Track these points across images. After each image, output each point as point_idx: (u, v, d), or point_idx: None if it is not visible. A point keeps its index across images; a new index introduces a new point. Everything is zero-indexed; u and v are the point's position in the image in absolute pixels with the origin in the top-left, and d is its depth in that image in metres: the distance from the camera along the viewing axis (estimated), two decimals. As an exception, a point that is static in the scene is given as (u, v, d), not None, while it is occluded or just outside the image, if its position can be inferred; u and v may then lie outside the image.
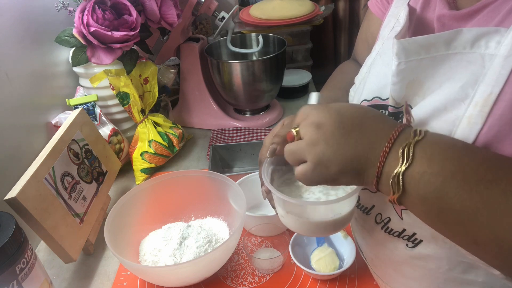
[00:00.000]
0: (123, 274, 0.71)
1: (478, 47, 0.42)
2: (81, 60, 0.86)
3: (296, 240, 0.68)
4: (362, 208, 0.56)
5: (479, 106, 0.40)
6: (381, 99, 0.52)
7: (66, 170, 0.70)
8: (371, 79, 0.55)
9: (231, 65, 1.02)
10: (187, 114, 1.14)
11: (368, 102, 0.54)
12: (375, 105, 0.53)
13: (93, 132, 0.82)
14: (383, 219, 0.52)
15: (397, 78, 0.47)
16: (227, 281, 0.67)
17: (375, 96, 0.53)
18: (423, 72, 0.46)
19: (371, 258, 0.60)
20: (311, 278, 0.66)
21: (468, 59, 0.43)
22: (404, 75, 0.46)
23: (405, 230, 0.49)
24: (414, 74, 0.46)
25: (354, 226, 0.63)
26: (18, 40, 0.82)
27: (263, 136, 1.03)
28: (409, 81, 0.47)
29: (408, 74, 0.46)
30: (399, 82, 0.47)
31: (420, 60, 0.45)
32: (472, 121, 0.41)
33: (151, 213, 0.76)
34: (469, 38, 0.42)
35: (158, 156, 0.94)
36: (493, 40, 0.41)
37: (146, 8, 0.88)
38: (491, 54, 0.41)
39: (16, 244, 0.54)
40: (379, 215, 0.53)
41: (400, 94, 0.48)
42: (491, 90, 0.40)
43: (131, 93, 0.89)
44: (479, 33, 0.42)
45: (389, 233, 0.52)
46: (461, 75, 0.43)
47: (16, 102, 0.79)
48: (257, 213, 0.77)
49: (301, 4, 1.25)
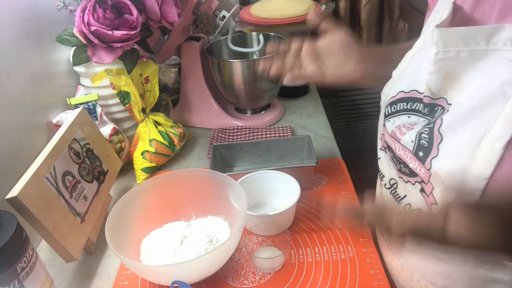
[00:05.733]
0: (124, 273, 0.71)
1: None
2: (82, 59, 0.86)
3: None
4: (395, 195, 0.56)
5: None
6: (419, 92, 0.52)
7: (67, 169, 0.70)
8: (410, 72, 0.55)
9: (232, 64, 1.02)
10: (188, 113, 1.14)
11: (405, 94, 0.54)
12: (411, 97, 0.52)
13: (94, 131, 0.82)
14: (412, 209, 0.52)
15: (435, 67, 0.46)
16: (228, 280, 0.67)
17: (413, 89, 0.53)
18: (460, 65, 0.45)
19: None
20: (311, 278, 0.66)
21: (508, 57, 0.42)
22: (441, 65, 0.46)
23: None
24: (451, 66, 0.45)
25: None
26: (19, 39, 0.82)
27: (264, 135, 1.03)
28: (446, 72, 0.46)
29: (445, 64, 0.45)
30: (436, 72, 0.46)
31: (458, 52, 0.44)
32: (508, 119, 0.40)
33: (152, 212, 0.76)
34: (510, 35, 0.41)
35: (159, 155, 0.94)
36: None
37: (147, 7, 0.88)
38: None
39: (17, 243, 0.54)
40: (408, 205, 0.53)
41: (437, 85, 0.47)
42: None
43: (132, 92, 0.89)
44: None
45: None
46: (500, 73, 0.42)
47: (17, 101, 0.79)
48: (258, 212, 0.77)
49: (302, 3, 1.25)
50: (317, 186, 0.87)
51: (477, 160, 0.42)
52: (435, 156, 0.46)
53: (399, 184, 0.55)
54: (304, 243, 0.72)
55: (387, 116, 0.55)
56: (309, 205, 0.81)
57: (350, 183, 0.86)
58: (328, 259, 0.69)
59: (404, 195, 0.54)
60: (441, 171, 0.45)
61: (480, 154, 0.41)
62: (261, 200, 0.81)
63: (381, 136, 0.58)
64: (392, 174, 0.57)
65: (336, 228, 0.75)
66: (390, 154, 0.56)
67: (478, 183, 0.42)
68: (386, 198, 0.60)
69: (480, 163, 0.41)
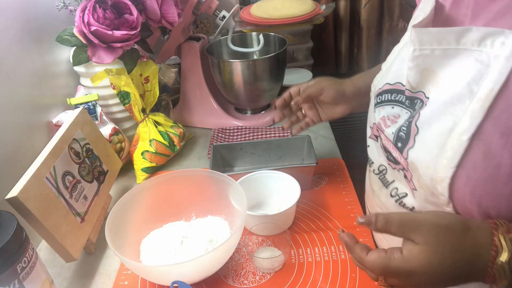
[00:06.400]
0: (124, 273, 0.71)
1: (485, 46, 0.44)
2: (82, 59, 0.86)
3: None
4: (383, 180, 0.61)
5: (481, 101, 0.43)
6: (402, 85, 0.56)
7: (67, 169, 0.70)
8: (396, 65, 0.59)
9: (232, 64, 1.02)
10: (188, 113, 1.14)
11: (390, 86, 0.58)
12: (395, 89, 0.57)
13: (94, 131, 0.82)
14: (398, 193, 0.57)
15: (412, 63, 0.50)
16: (228, 280, 0.67)
17: (397, 81, 0.57)
18: (436, 62, 0.49)
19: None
20: (311, 278, 0.66)
21: (475, 57, 0.45)
22: (418, 61, 0.50)
23: (414, 208, 0.55)
24: (427, 62, 0.49)
25: (371, 196, 0.69)
26: (19, 39, 0.82)
27: (264, 135, 1.03)
28: (423, 68, 0.50)
29: (422, 61, 0.49)
30: (414, 68, 0.50)
31: (433, 50, 0.48)
32: (474, 115, 0.44)
33: (152, 212, 0.76)
34: (477, 36, 0.45)
35: (159, 155, 0.94)
36: (498, 40, 0.43)
37: (147, 7, 0.88)
38: (496, 54, 0.43)
39: (17, 243, 0.54)
40: (396, 189, 0.58)
41: (415, 80, 0.51)
42: (493, 86, 0.43)
43: (132, 92, 0.89)
44: (486, 32, 0.44)
45: (403, 206, 0.56)
46: (469, 71, 0.46)
47: (17, 102, 0.79)
48: (258, 212, 0.77)
49: (302, 3, 1.25)
50: (317, 186, 0.87)
51: (446, 150, 0.46)
52: (411, 147, 0.51)
53: (388, 170, 0.60)
54: (304, 243, 0.72)
55: (375, 106, 0.60)
56: (309, 205, 0.81)
57: (350, 183, 0.86)
58: (328, 259, 0.69)
59: (392, 180, 0.59)
60: (416, 161, 0.50)
61: (449, 145, 0.46)
62: (261, 200, 0.81)
63: (372, 125, 0.62)
64: (381, 160, 0.61)
65: (336, 228, 0.75)
66: (380, 142, 0.60)
67: (447, 171, 0.46)
68: (375, 183, 0.64)
69: (449, 152, 0.46)
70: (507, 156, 0.42)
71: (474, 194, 0.45)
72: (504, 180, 0.43)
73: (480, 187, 0.45)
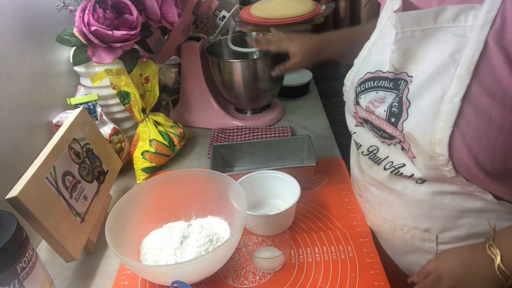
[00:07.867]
0: (124, 273, 0.71)
1: (459, 21, 0.51)
2: (82, 59, 0.86)
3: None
4: (374, 158, 0.66)
5: (465, 66, 0.49)
6: (382, 72, 0.61)
7: (67, 169, 0.70)
8: (373, 56, 0.65)
9: (232, 64, 1.02)
10: (188, 113, 1.14)
11: (371, 74, 0.63)
12: (377, 77, 0.62)
13: (94, 131, 0.82)
14: (394, 165, 0.62)
15: (395, 46, 0.56)
16: (228, 280, 0.67)
17: (377, 69, 0.62)
18: (416, 42, 0.55)
19: (380, 203, 0.69)
20: (311, 278, 0.66)
21: (452, 32, 0.52)
22: (401, 44, 0.55)
23: (413, 175, 0.59)
24: (409, 44, 0.55)
25: (359, 176, 0.73)
26: (19, 39, 0.82)
27: (264, 135, 1.03)
28: (405, 49, 0.56)
29: (404, 43, 0.55)
30: (397, 50, 0.56)
31: (414, 31, 0.54)
32: (461, 78, 0.50)
33: (152, 212, 0.76)
34: (452, 14, 0.51)
35: (159, 155, 0.94)
36: (470, 14, 0.50)
37: (147, 7, 0.88)
38: (471, 26, 0.50)
39: (17, 243, 0.54)
40: (390, 163, 0.62)
41: (398, 61, 0.57)
42: (474, 52, 0.49)
43: (132, 92, 0.89)
44: (459, 9, 0.51)
45: (400, 175, 0.61)
46: (448, 45, 0.52)
47: (17, 102, 0.79)
48: (258, 212, 0.77)
49: (302, 3, 1.25)
50: (317, 186, 0.87)
51: (441, 114, 0.51)
52: (405, 119, 0.56)
53: (380, 148, 0.64)
54: (304, 243, 0.72)
55: (359, 94, 0.65)
56: (309, 205, 0.81)
57: (350, 183, 0.86)
58: (328, 259, 0.69)
59: (385, 156, 0.63)
60: (412, 130, 0.55)
61: (443, 109, 0.51)
62: (261, 200, 0.81)
63: (354, 115, 0.69)
64: (372, 142, 0.66)
65: (336, 228, 0.75)
66: (369, 126, 0.65)
67: (445, 132, 0.51)
68: (364, 162, 0.69)
69: (444, 115, 0.51)
70: (495, 112, 0.48)
71: (471, 150, 0.51)
72: (495, 134, 0.49)
73: (475, 142, 0.50)
